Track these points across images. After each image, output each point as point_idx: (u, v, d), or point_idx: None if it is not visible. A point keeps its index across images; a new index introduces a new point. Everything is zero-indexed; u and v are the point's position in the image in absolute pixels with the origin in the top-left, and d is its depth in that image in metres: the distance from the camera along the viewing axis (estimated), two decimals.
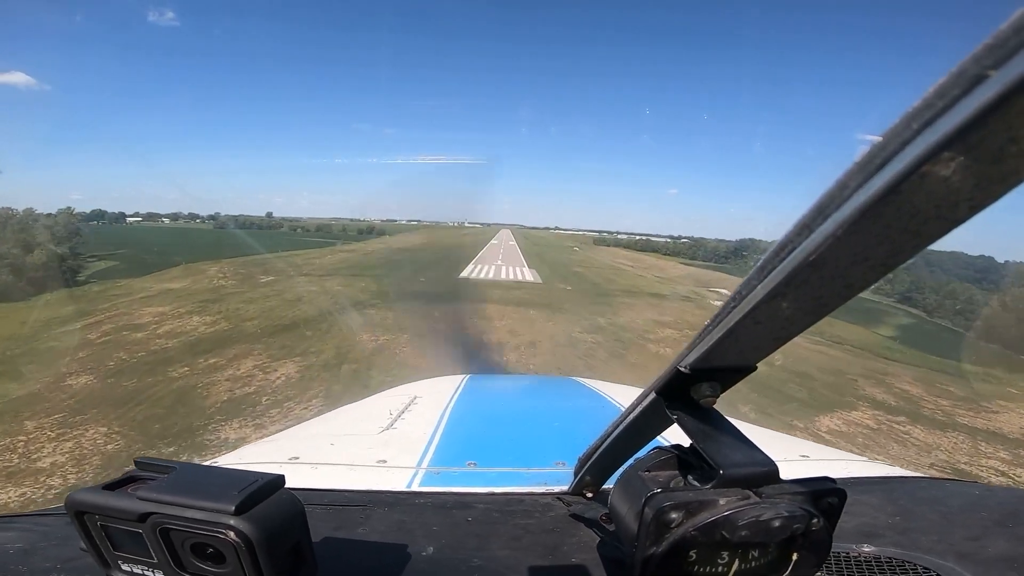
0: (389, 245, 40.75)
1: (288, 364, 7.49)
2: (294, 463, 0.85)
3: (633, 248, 70.77)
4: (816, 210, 0.24)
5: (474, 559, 0.52)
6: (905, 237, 0.23)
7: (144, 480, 0.40)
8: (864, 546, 0.57)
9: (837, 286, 0.27)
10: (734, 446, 0.39)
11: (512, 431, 1.22)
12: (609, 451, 0.54)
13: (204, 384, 6.50)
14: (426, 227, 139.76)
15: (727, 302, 0.32)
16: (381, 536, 0.56)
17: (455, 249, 37.88)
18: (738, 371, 0.38)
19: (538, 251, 42.54)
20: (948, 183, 0.20)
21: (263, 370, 7.12)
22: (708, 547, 0.36)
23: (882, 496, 0.72)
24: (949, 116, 0.18)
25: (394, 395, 1.45)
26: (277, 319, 10.48)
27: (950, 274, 29.43)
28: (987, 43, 0.17)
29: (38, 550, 0.51)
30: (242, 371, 7.04)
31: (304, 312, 11.35)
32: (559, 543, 0.56)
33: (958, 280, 26.93)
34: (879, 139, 0.21)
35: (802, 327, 0.31)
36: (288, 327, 9.77)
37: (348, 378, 6.92)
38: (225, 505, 0.36)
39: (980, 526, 0.64)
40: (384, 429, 1.07)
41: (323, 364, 7.52)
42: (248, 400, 6.00)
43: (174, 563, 0.38)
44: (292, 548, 0.40)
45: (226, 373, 6.94)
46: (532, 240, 70.92)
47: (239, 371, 7.04)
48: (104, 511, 0.38)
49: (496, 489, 0.72)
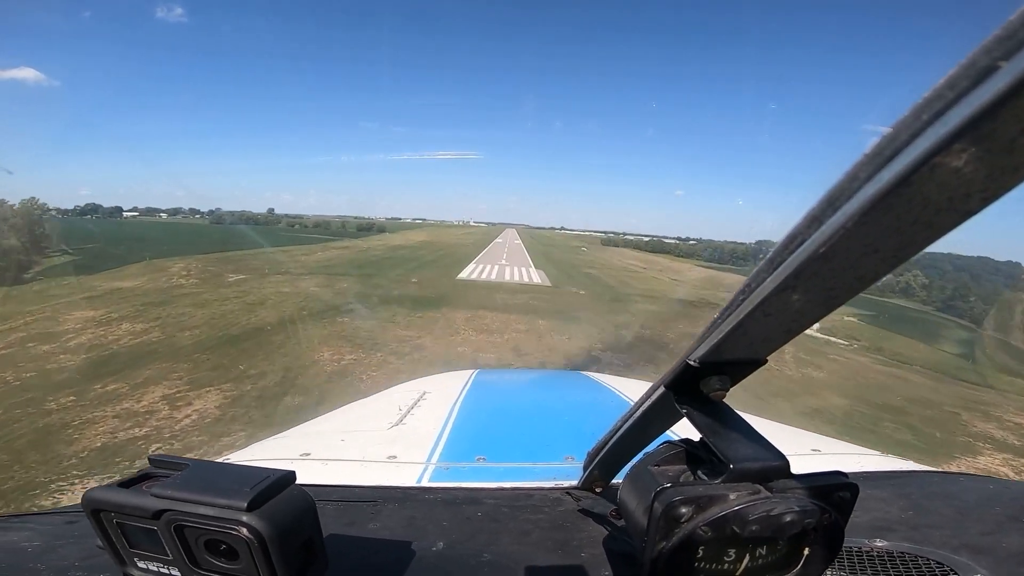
0: (387, 242, 39.89)
1: (211, 394, 5.82)
2: (305, 459, 0.86)
3: (643, 249, 69.85)
4: (826, 202, 0.24)
5: (484, 554, 0.53)
6: (916, 228, 0.23)
7: (158, 477, 0.41)
8: (876, 541, 0.57)
9: (848, 278, 0.27)
10: (744, 440, 0.39)
11: (521, 426, 1.21)
12: (618, 445, 0.54)
13: (82, 422, 4.95)
14: (430, 225, 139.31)
15: (736, 295, 0.32)
16: (391, 532, 0.57)
17: (457, 247, 36.38)
18: (748, 364, 0.38)
19: (545, 250, 41.08)
20: (960, 174, 0.20)
21: (172, 403, 5.51)
22: (718, 542, 0.36)
23: (894, 491, 0.72)
24: (960, 107, 0.18)
25: (403, 391, 1.46)
26: (224, 328, 8.83)
27: (983, 279, 27.41)
28: (997, 34, 0.17)
29: (56, 548, 0.51)
30: (143, 404, 5.46)
31: (261, 319, 9.46)
32: (568, 538, 0.57)
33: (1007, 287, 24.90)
34: (889, 130, 0.21)
35: (813, 319, 0.31)
36: (233, 340, 8.14)
37: (284, 418, 4.99)
38: (237, 502, 0.36)
39: (994, 521, 0.64)
40: (394, 425, 1.08)
41: (258, 395, 5.82)
42: (126, 450, 4.47)
43: (188, 560, 0.39)
44: (304, 544, 0.40)
45: (120, 406, 5.35)
46: (538, 239, 69.79)
47: (139, 403, 5.46)
48: (120, 508, 0.38)
49: (505, 484, 0.72)
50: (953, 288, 28.27)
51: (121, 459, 4.23)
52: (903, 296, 30.49)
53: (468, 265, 22.18)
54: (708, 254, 45.32)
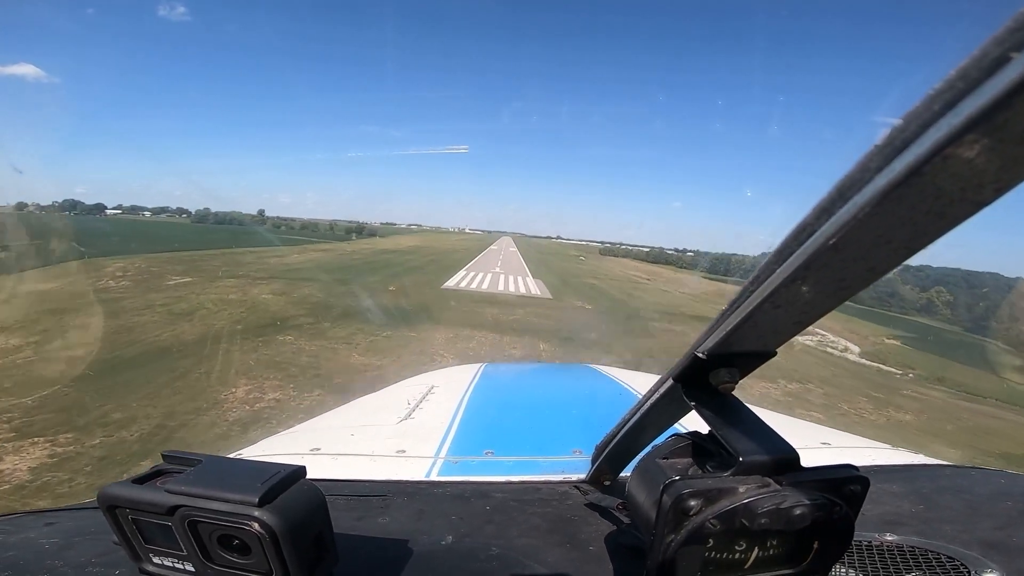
0: (374, 246, 37.67)
1: (33, 449, 3.99)
2: (315, 454, 0.86)
3: (642, 259, 69.50)
4: (836, 193, 0.24)
5: (492, 547, 0.52)
6: (929, 219, 0.23)
7: (171, 473, 0.41)
8: (887, 535, 0.56)
9: (860, 269, 0.26)
10: (753, 433, 0.38)
11: (529, 420, 1.20)
12: (626, 439, 0.53)
13: None
14: (425, 231, 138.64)
15: (745, 286, 0.31)
16: (401, 525, 0.56)
17: (448, 253, 34.32)
18: (757, 356, 0.38)
19: (542, 258, 39.12)
20: (973, 165, 0.20)
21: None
22: (727, 535, 0.36)
23: (905, 484, 0.71)
24: (972, 98, 0.19)
25: (412, 385, 1.43)
26: (121, 348, 6.94)
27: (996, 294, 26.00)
28: (1009, 25, 0.17)
29: (73, 544, 0.52)
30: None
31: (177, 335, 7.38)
32: (577, 531, 0.56)
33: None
34: (899, 122, 0.21)
35: (823, 311, 0.31)
36: (122, 365, 6.23)
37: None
38: (249, 497, 0.36)
39: (1006, 515, 0.63)
40: (402, 419, 1.07)
41: (101, 455, 4.00)
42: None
43: (202, 555, 0.39)
44: (314, 538, 0.40)
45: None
46: (535, 247, 68.31)
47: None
48: (135, 504, 0.38)
49: (513, 478, 0.72)
50: (983, 306, 26.71)
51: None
52: (926, 314, 28.81)
53: (459, 272, 20.05)
54: (711, 266, 44.04)
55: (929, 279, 32.54)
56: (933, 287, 30.04)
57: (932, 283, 31.50)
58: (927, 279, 31.94)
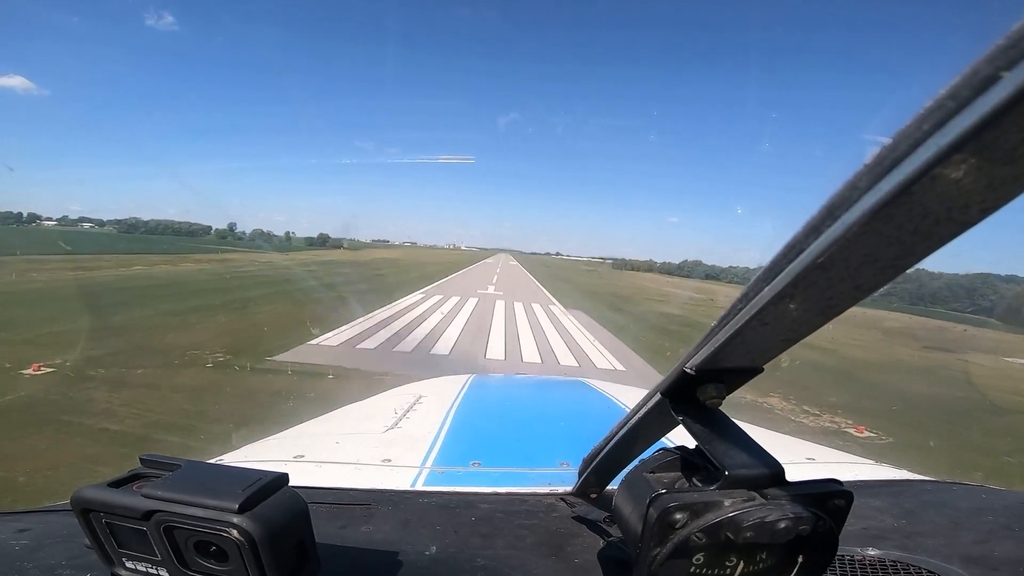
0: (323, 257, 32.24)
1: None
2: (299, 461, 0.85)
3: (659, 271, 67.21)
4: (825, 211, 0.24)
5: (478, 559, 0.53)
6: (916, 239, 0.23)
7: (149, 477, 0.40)
8: (869, 549, 0.57)
9: (847, 287, 0.27)
10: (740, 447, 0.39)
11: (517, 431, 1.20)
12: (614, 452, 0.53)
13: None
14: (418, 248, 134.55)
15: (734, 303, 0.32)
16: (385, 535, 0.56)
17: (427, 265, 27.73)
18: (745, 373, 0.38)
19: (552, 272, 32.61)
20: (960, 185, 0.20)
21: None
22: (713, 548, 0.36)
23: (888, 499, 0.73)
24: (961, 117, 0.18)
25: (399, 394, 1.45)
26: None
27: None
28: (999, 44, 0.17)
29: (44, 546, 0.51)
30: None
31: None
32: (563, 544, 0.57)
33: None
34: (889, 140, 0.21)
35: (810, 329, 0.31)
36: None
37: None
38: (228, 503, 0.36)
39: (987, 530, 0.64)
40: (389, 428, 1.08)
41: None
42: None
43: (178, 561, 0.38)
44: (295, 547, 0.40)
45: None
46: (538, 262, 62.20)
47: None
48: (109, 508, 0.38)
49: (500, 489, 0.72)
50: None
51: None
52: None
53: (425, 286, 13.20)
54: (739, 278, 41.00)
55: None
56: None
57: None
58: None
